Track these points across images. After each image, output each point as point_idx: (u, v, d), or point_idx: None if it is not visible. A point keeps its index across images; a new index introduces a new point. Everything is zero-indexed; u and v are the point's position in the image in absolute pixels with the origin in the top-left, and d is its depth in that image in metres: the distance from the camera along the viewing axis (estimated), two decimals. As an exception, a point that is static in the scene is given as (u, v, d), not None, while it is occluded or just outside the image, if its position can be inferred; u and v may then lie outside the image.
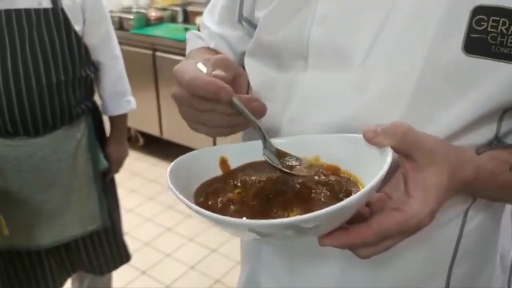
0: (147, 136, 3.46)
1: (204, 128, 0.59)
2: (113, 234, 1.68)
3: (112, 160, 1.65)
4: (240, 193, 0.54)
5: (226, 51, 0.78)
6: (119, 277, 1.99)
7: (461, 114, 0.56)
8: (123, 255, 1.75)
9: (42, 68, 1.34)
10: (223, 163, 0.59)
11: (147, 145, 3.49)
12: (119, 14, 3.27)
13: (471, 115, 0.56)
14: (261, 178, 0.54)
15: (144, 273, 2.32)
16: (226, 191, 0.55)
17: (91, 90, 1.57)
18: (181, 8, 3.44)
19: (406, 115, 0.55)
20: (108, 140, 1.67)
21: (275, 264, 0.73)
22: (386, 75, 0.57)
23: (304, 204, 0.51)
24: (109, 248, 1.68)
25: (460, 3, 0.53)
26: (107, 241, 1.67)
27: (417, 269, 0.65)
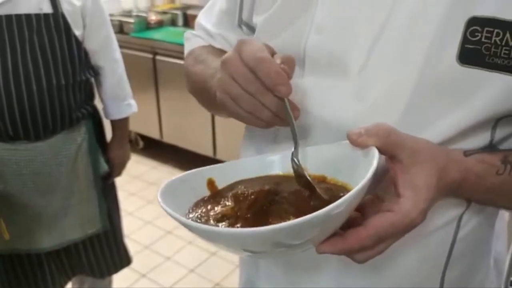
0: (147, 139, 3.46)
1: (232, 103, 0.56)
2: (114, 238, 1.68)
3: (114, 164, 1.65)
4: (233, 208, 0.54)
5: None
6: (119, 280, 1.99)
7: (455, 123, 0.56)
8: (124, 259, 1.75)
9: (43, 72, 1.35)
10: (211, 184, 0.59)
11: (147, 148, 3.49)
12: (119, 18, 3.28)
13: (465, 124, 0.56)
14: (254, 190, 0.54)
15: (144, 276, 2.32)
16: (218, 208, 0.55)
17: (91, 94, 1.58)
18: (181, 12, 3.44)
19: (401, 122, 0.56)
20: (110, 144, 1.67)
21: (274, 273, 0.73)
22: (383, 84, 0.58)
23: (302, 214, 0.51)
24: (110, 252, 1.68)
25: (456, 14, 0.53)
26: (108, 245, 1.67)
27: (411, 274, 0.65)
